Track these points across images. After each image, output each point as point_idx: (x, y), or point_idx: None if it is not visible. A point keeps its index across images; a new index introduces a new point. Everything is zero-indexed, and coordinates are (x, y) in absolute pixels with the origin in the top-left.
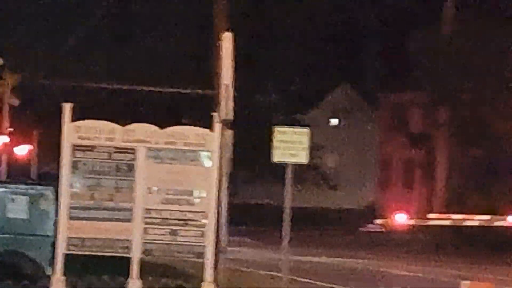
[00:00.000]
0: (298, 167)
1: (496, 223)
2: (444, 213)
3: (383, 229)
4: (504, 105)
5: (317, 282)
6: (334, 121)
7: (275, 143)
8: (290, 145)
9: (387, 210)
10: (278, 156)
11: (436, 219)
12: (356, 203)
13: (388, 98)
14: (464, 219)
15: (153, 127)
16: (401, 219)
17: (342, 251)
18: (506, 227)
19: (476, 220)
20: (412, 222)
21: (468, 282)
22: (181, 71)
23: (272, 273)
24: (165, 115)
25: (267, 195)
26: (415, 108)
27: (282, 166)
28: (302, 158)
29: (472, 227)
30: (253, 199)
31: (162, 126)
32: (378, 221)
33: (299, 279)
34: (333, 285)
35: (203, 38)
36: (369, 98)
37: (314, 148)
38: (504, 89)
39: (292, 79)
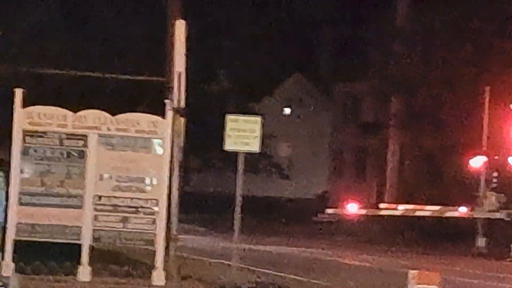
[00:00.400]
0: (250, 156)
1: (447, 214)
2: (396, 203)
3: (335, 219)
4: (456, 96)
5: (267, 271)
6: (287, 110)
7: (227, 131)
8: (242, 133)
9: (339, 199)
10: (230, 144)
11: (387, 209)
12: (309, 192)
13: (341, 88)
14: (415, 210)
15: (105, 114)
16: (352, 208)
17: (293, 240)
18: (457, 217)
19: (427, 210)
20: (363, 212)
21: (415, 271)
22: (135, 58)
23: (222, 261)
24: (119, 102)
25: (220, 184)
26: (368, 98)
27: (235, 155)
28: (254, 146)
29: (423, 217)
30: (205, 187)
31: (115, 113)
32: (330, 211)
33: (249, 267)
34: (283, 274)
35: (157, 25)
36: (322, 87)
37: (267, 137)
38: (456, 80)
39: (246, 67)
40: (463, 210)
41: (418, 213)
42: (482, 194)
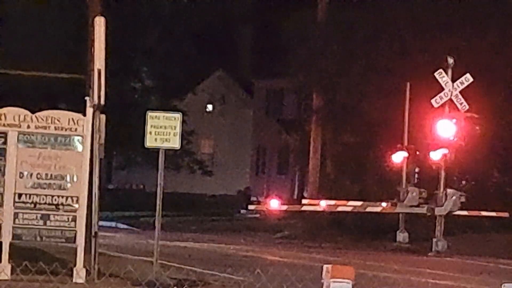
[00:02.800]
0: (173, 153)
1: (369, 209)
2: (318, 199)
3: (257, 214)
4: (376, 92)
5: (188, 267)
6: (209, 107)
7: (148, 128)
8: (163, 130)
9: (261, 196)
10: (150, 141)
11: (309, 204)
12: (231, 189)
13: (263, 84)
14: (337, 205)
15: (25, 111)
16: (274, 204)
17: (215, 236)
18: (379, 213)
19: (349, 206)
20: (285, 208)
21: (329, 265)
22: (55, 55)
23: (143, 258)
24: (40, 100)
25: (142, 181)
26: (290, 94)
27: (157, 152)
28: (174, 143)
29: (345, 213)
30: (127, 184)
31: (35, 110)
32: (251, 207)
33: (170, 264)
34: (203, 270)
35: (77, 21)
36: (244, 84)
37: (190, 134)
38: (376, 76)
39: (168, 64)
40: (385, 205)
41: (340, 209)
42: (404, 189)
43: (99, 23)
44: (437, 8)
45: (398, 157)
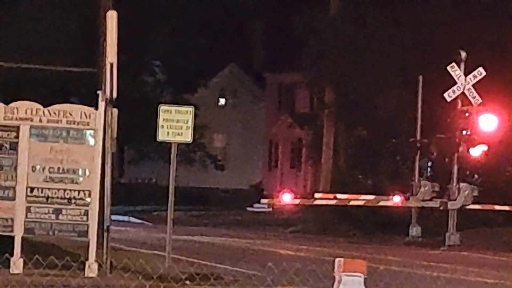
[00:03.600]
0: (185, 147)
1: (381, 203)
2: (330, 193)
3: (270, 209)
4: (388, 86)
5: (201, 261)
6: (222, 101)
7: (160, 122)
8: (175, 123)
9: (274, 190)
10: (162, 135)
11: (321, 198)
12: (244, 183)
13: (275, 78)
14: (350, 199)
15: (37, 105)
16: (287, 198)
17: (227, 230)
18: (392, 207)
19: (361, 200)
20: (297, 201)
21: (341, 259)
22: (68, 48)
23: (156, 252)
24: (52, 94)
25: (154, 175)
26: (302, 89)
27: (169, 146)
28: (187, 137)
29: (358, 207)
30: (140, 178)
31: (48, 104)
32: (264, 201)
33: (183, 258)
34: (215, 264)
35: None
36: (257, 78)
37: (202, 128)
38: (389, 70)
39: (180, 58)
40: (397, 200)
41: (352, 203)
42: (417, 183)
43: (111, 17)
44: (450, 1)
45: (412, 151)
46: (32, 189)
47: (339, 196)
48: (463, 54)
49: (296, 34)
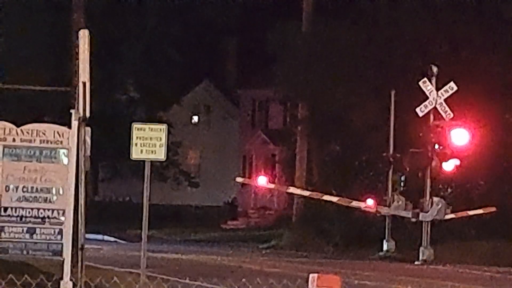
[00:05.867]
0: (159, 164)
1: (354, 204)
2: (304, 208)
3: (243, 226)
4: (361, 101)
5: (176, 279)
6: (195, 118)
7: (133, 140)
8: (148, 141)
9: (248, 206)
10: (136, 153)
11: (295, 187)
12: (218, 200)
13: (248, 95)
14: (323, 194)
15: (9, 125)
16: (262, 181)
17: (203, 247)
18: (366, 221)
19: (334, 197)
20: (272, 186)
21: (315, 274)
22: (41, 67)
23: (130, 270)
24: (25, 113)
25: (128, 192)
26: (276, 105)
27: (143, 163)
28: (160, 154)
29: (332, 222)
30: (114, 196)
31: (21, 123)
32: (239, 179)
33: (157, 275)
34: (189, 281)
35: (62, 34)
36: (230, 94)
37: (176, 145)
38: (361, 85)
39: (153, 75)
40: (370, 203)
41: (326, 197)
42: (390, 198)
43: (83, 36)
44: (421, 17)
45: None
46: (5, 209)
47: (310, 192)
48: (435, 69)
49: (269, 50)
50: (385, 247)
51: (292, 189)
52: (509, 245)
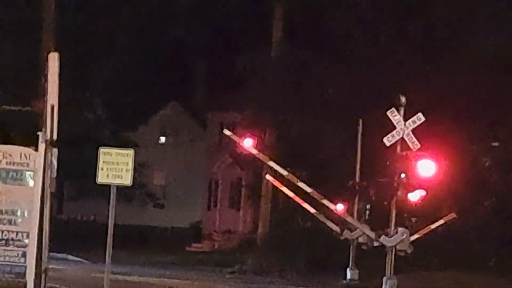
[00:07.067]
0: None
1: (325, 202)
2: (269, 234)
3: (208, 249)
4: (329, 128)
5: None
6: (162, 139)
7: (100, 164)
8: (115, 166)
9: (212, 229)
10: (102, 177)
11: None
12: (183, 221)
13: (216, 117)
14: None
15: None
16: (248, 143)
17: (166, 270)
18: (330, 249)
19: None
20: (255, 152)
21: None
22: (8, 87)
23: None
24: None
25: (93, 211)
26: (243, 129)
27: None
28: (126, 179)
29: (297, 248)
30: (78, 215)
31: None
32: (227, 132)
33: None
34: None
35: (32, 52)
36: (198, 116)
37: (142, 166)
38: (329, 113)
39: (121, 95)
40: (340, 208)
41: (301, 184)
42: (354, 226)
43: (53, 59)
44: (391, 45)
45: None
46: None
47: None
48: (403, 99)
49: (238, 74)
50: (348, 275)
51: (268, 176)
52: (472, 276)
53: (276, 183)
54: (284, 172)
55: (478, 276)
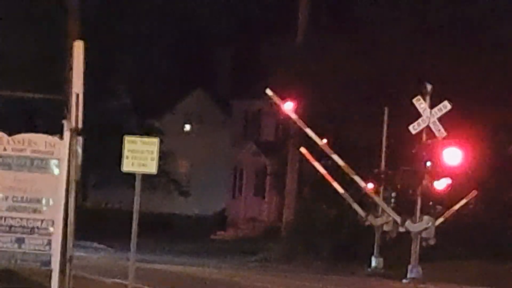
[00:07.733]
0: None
1: (356, 178)
2: (294, 223)
3: (232, 238)
4: (354, 116)
5: None
6: (187, 127)
7: (125, 152)
8: (140, 154)
9: (237, 217)
10: (127, 166)
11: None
12: (208, 209)
13: (241, 105)
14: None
15: (1, 134)
16: (288, 106)
17: (190, 259)
18: (355, 238)
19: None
20: (295, 117)
21: None
22: (34, 75)
23: (118, 280)
24: (18, 121)
25: (118, 200)
26: (267, 116)
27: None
28: (151, 168)
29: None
30: (104, 203)
31: (12, 133)
32: (269, 92)
33: (144, 287)
34: None
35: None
36: (223, 104)
37: (167, 154)
38: (355, 100)
39: (146, 83)
40: (370, 186)
41: (334, 157)
42: (380, 213)
43: (78, 47)
44: (417, 33)
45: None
46: None
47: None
48: (429, 87)
49: (263, 61)
50: (373, 263)
51: (302, 149)
52: (497, 266)
53: (309, 157)
54: (319, 142)
55: (504, 265)
